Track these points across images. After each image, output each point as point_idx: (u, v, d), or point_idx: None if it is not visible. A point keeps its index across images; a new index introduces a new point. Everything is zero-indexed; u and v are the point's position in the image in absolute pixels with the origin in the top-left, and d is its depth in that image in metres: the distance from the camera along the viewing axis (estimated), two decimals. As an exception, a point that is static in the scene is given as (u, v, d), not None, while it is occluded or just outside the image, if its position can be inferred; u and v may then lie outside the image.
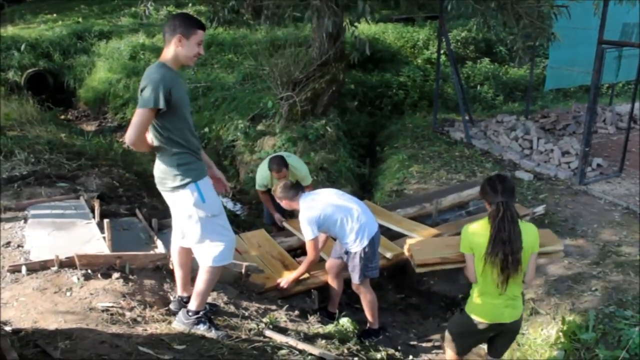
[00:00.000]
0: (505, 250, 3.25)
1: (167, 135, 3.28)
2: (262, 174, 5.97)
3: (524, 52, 7.94)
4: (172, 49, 3.30)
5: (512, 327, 3.56)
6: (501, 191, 3.33)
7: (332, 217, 4.44)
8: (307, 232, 4.45)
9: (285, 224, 5.92)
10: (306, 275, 4.86)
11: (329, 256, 4.88)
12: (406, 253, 4.05)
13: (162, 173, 3.41)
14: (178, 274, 3.83)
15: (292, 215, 6.21)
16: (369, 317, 4.82)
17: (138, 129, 3.18)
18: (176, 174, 3.34)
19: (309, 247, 4.56)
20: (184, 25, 3.31)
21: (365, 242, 4.47)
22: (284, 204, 4.74)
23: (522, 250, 3.29)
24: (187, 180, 3.33)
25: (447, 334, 3.82)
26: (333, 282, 4.88)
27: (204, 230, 3.43)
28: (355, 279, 4.65)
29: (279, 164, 5.65)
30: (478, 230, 3.40)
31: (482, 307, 3.50)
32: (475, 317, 3.52)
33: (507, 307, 3.45)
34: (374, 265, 4.61)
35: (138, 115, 3.17)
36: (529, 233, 3.38)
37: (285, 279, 4.75)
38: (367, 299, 4.74)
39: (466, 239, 3.46)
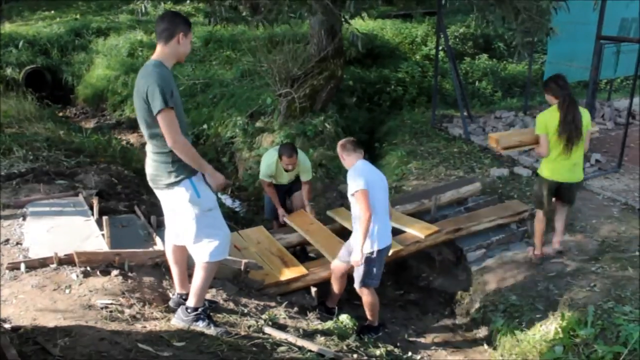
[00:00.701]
0: (571, 127, 4.83)
1: (161, 133, 3.26)
2: (268, 162, 5.94)
3: (523, 48, 7.93)
4: (171, 47, 3.29)
5: (579, 184, 5.31)
6: (564, 86, 4.87)
7: (373, 188, 4.36)
8: (359, 183, 4.29)
9: (286, 219, 5.91)
10: (305, 271, 4.86)
11: (336, 257, 4.87)
12: (490, 143, 5.42)
13: (155, 170, 3.40)
14: (175, 272, 3.83)
15: (292, 210, 6.23)
16: (368, 316, 4.82)
17: (174, 130, 3.19)
18: (170, 170, 3.34)
19: (359, 201, 4.30)
20: (184, 23, 3.33)
21: (375, 248, 4.45)
22: (342, 157, 4.58)
23: (582, 126, 4.88)
24: (182, 176, 3.33)
25: (535, 199, 5.38)
26: (335, 282, 4.87)
27: (200, 226, 3.43)
28: (356, 283, 4.65)
29: (291, 149, 5.74)
30: (550, 116, 4.91)
31: (555, 170, 5.04)
32: (551, 178, 5.09)
33: (573, 169, 5.05)
34: (376, 275, 4.58)
35: (163, 119, 3.17)
36: (585, 116, 4.99)
37: (357, 254, 4.43)
38: (368, 301, 4.74)
39: (542, 123, 4.94)
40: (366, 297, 4.70)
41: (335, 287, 4.88)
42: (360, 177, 4.34)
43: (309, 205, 6.07)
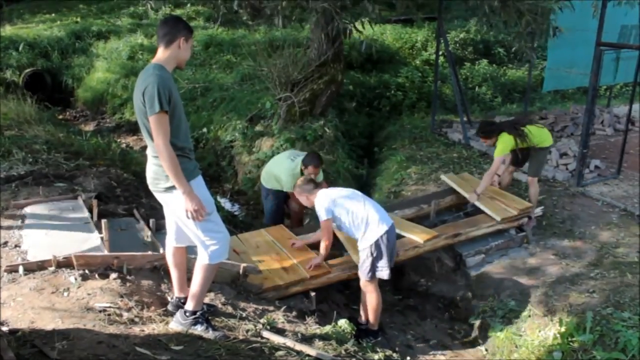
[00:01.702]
0: None
1: None
2: (293, 173, 5.98)
3: (530, 50, 7.94)
4: (172, 51, 3.30)
5: None
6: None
7: (342, 206, 4.63)
8: (321, 215, 4.68)
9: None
10: (305, 275, 4.85)
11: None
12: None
13: (155, 174, 3.40)
14: (174, 275, 3.82)
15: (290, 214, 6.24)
16: (370, 317, 4.81)
17: (163, 134, 3.18)
18: None
19: (322, 228, 4.78)
20: (187, 28, 3.35)
21: (374, 239, 4.52)
22: (303, 199, 4.90)
23: None
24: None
25: (534, 171, 6.26)
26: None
27: (198, 230, 3.43)
28: (362, 276, 4.68)
29: (317, 158, 5.91)
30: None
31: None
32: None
33: None
34: (383, 265, 4.62)
35: (154, 122, 3.16)
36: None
37: (314, 262, 4.90)
38: (372, 300, 4.74)
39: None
40: (370, 294, 4.72)
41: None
42: (322, 209, 4.67)
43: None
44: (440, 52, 9.83)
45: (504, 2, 6.75)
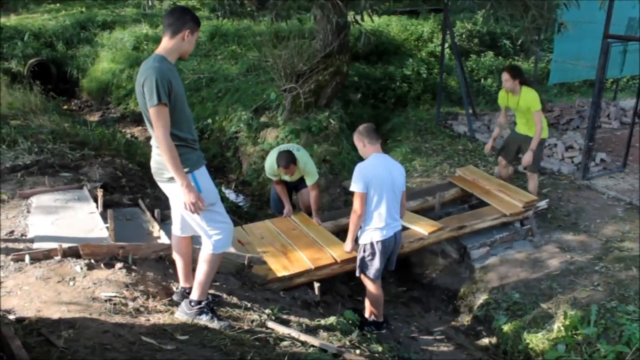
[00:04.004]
0: None
1: None
2: (270, 162, 5.78)
3: (535, 44, 7.90)
4: (176, 42, 3.28)
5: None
6: None
7: (371, 188, 4.40)
8: (356, 185, 4.40)
9: (292, 217, 5.87)
10: (309, 266, 4.86)
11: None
12: None
13: (159, 164, 3.40)
14: (179, 265, 3.83)
15: (299, 206, 6.22)
16: (367, 310, 4.80)
17: (163, 126, 3.17)
18: None
19: (355, 198, 4.46)
20: (194, 20, 3.32)
21: (369, 240, 4.49)
22: (360, 145, 4.56)
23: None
24: (184, 170, 3.32)
25: (533, 166, 6.17)
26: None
27: (202, 220, 3.43)
28: (357, 270, 4.68)
29: (286, 160, 5.49)
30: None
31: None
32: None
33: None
34: (373, 265, 4.57)
35: (154, 114, 3.16)
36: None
37: (348, 244, 4.76)
38: (369, 293, 4.74)
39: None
40: (368, 287, 4.72)
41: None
42: (359, 180, 4.39)
43: (316, 216, 5.83)
44: (446, 44, 9.79)
45: None
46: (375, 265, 4.57)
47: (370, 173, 4.39)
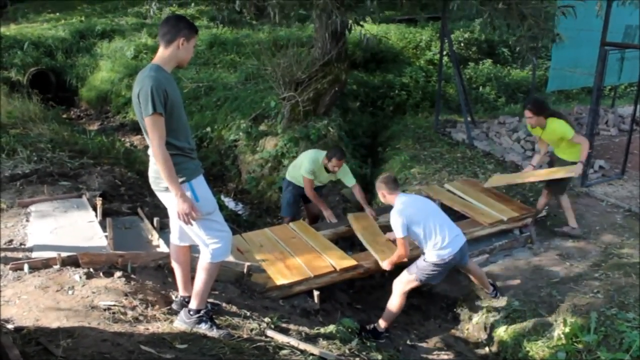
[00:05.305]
0: None
1: None
2: (313, 158, 6.07)
3: (531, 53, 7.93)
4: (171, 50, 3.28)
5: None
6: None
7: (418, 223, 4.56)
8: (397, 230, 4.58)
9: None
10: (309, 274, 4.85)
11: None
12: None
13: (156, 173, 3.39)
14: (178, 274, 3.83)
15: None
16: (383, 318, 4.81)
17: (158, 136, 3.18)
18: None
19: (398, 244, 4.70)
20: (188, 27, 3.31)
21: (440, 257, 4.59)
22: (380, 194, 4.79)
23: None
24: (181, 179, 3.30)
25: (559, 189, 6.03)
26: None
27: (200, 229, 3.43)
28: (410, 269, 4.76)
29: (342, 152, 6.03)
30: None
31: None
32: None
33: None
34: (435, 278, 4.78)
35: (149, 124, 3.16)
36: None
37: (388, 262, 4.94)
38: (394, 301, 4.78)
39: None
40: (396, 296, 4.78)
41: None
42: (398, 225, 4.54)
43: (369, 207, 6.14)
44: (444, 52, 9.81)
45: (508, 4, 6.73)
46: (438, 278, 4.77)
47: (405, 213, 4.55)
